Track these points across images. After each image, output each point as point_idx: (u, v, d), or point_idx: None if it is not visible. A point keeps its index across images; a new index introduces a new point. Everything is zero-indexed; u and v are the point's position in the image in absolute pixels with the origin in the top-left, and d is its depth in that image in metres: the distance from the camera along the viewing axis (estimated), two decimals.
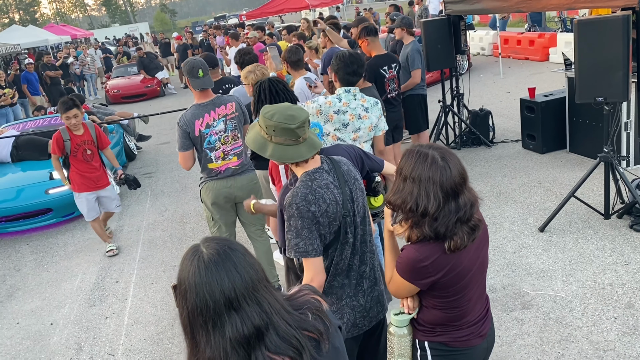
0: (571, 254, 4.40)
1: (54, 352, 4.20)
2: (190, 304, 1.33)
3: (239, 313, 1.33)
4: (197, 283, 1.33)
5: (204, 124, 3.97)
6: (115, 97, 16.96)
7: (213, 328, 1.32)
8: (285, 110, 2.15)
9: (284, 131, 2.13)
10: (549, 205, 5.27)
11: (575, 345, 3.40)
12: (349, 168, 2.34)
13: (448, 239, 1.87)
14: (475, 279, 2.03)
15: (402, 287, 2.02)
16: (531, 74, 11.24)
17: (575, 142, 6.42)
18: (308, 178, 2.21)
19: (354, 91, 3.66)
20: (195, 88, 3.97)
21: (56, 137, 5.40)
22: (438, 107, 7.38)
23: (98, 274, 5.42)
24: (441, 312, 2.03)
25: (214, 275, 1.33)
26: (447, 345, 2.07)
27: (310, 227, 2.14)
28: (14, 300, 5.14)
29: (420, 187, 1.85)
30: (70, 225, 6.88)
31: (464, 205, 1.87)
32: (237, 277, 1.34)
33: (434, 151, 1.89)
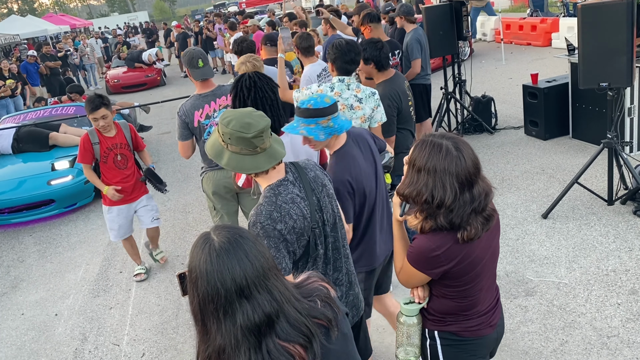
0: (574, 241, 4.40)
1: (59, 343, 4.22)
2: (202, 292, 1.34)
3: (250, 301, 1.33)
4: (209, 271, 1.33)
5: (204, 115, 3.94)
6: (116, 87, 16.92)
7: (224, 316, 1.33)
8: (243, 118, 2.01)
9: (239, 140, 2.00)
10: (552, 191, 5.25)
11: (579, 332, 3.41)
12: (315, 174, 2.23)
13: (462, 229, 1.85)
14: (487, 268, 2.02)
15: (414, 276, 2.00)
16: (533, 60, 11.16)
17: (578, 128, 6.39)
18: (272, 193, 2.08)
19: (348, 81, 3.61)
20: (196, 78, 3.94)
21: (84, 140, 4.51)
22: (440, 94, 7.34)
23: (102, 264, 5.43)
24: (452, 301, 2.02)
25: (225, 263, 1.33)
26: (457, 334, 2.07)
27: (277, 246, 2.04)
28: (18, 292, 5.16)
29: (436, 178, 1.82)
30: (73, 216, 6.89)
31: (479, 195, 1.85)
32: (248, 265, 1.34)
33: (448, 141, 1.85)
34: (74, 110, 8.43)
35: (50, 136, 7.56)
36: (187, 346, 3.92)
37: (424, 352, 2.15)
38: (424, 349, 2.14)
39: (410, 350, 2.13)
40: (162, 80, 17.43)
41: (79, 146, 4.54)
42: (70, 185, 6.80)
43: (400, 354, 2.15)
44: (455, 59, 7.30)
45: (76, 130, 7.89)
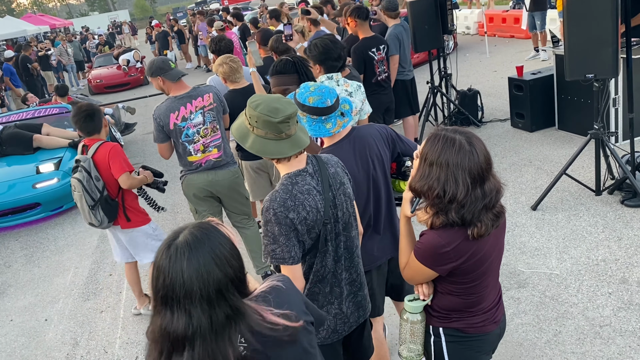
0: (564, 232, 4.44)
1: (50, 348, 4.16)
2: (155, 284, 1.37)
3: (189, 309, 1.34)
4: (163, 267, 1.35)
5: (180, 117, 3.89)
6: (98, 87, 16.74)
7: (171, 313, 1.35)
8: (272, 102, 2.03)
9: (265, 124, 2.01)
10: (540, 183, 5.29)
11: (571, 322, 3.44)
12: (335, 170, 2.23)
13: (472, 225, 1.84)
14: (494, 265, 2.02)
15: (420, 273, 1.99)
16: (517, 52, 11.23)
17: (563, 119, 6.44)
18: (289, 182, 2.10)
19: (336, 77, 3.59)
20: (173, 79, 3.86)
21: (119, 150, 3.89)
22: (426, 89, 7.35)
23: (91, 267, 5.37)
24: (458, 298, 2.01)
25: (178, 264, 1.34)
26: (462, 331, 2.06)
27: (287, 234, 2.05)
28: (6, 297, 5.08)
29: (448, 173, 1.80)
30: (60, 219, 6.80)
31: (490, 191, 1.84)
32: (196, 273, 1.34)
33: (460, 136, 1.84)
34: (57, 111, 8.31)
35: (34, 138, 7.44)
36: None
37: (428, 349, 2.14)
38: (428, 346, 2.13)
39: (413, 347, 2.12)
40: (145, 79, 17.25)
41: (119, 158, 3.81)
42: (56, 188, 6.71)
43: (404, 352, 2.14)
44: (440, 53, 7.31)
45: (59, 130, 7.78)
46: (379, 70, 5.42)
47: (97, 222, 3.83)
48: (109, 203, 3.84)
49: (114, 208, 3.89)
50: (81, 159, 3.79)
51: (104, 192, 3.81)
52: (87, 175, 3.75)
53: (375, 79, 5.42)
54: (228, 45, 5.17)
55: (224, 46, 5.10)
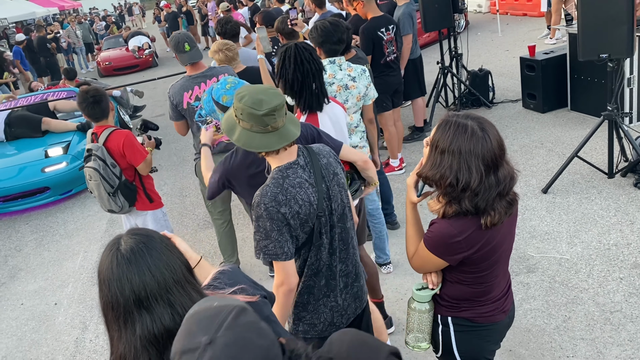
0: (575, 215, 4.36)
1: (60, 332, 4.20)
2: (104, 297, 1.34)
3: (150, 313, 1.32)
4: (109, 278, 1.32)
5: (193, 97, 3.86)
6: (107, 70, 16.71)
7: (124, 324, 1.31)
8: (257, 94, 1.94)
9: (250, 116, 1.94)
10: (551, 165, 5.20)
11: (581, 308, 3.39)
12: (328, 161, 2.17)
13: (485, 214, 1.78)
14: (505, 254, 1.97)
15: (430, 262, 1.94)
16: (530, 31, 11.00)
17: (576, 99, 6.31)
18: (280, 175, 2.04)
19: (339, 61, 3.52)
20: (184, 63, 3.87)
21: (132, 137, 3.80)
22: (436, 69, 7.23)
23: (100, 251, 5.39)
24: (467, 287, 1.97)
25: (124, 272, 1.32)
26: (471, 321, 2.02)
27: (280, 229, 2.00)
28: (17, 281, 5.12)
29: (461, 160, 1.74)
30: (69, 203, 6.83)
31: (504, 178, 1.78)
32: (149, 276, 1.32)
33: (472, 122, 1.77)
34: (65, 94, 8.30)
35: (43, 121, 7.46)
36: None
37: (436, 339, 2.11)
38: (436, 336, 2.10)
39: (420, 336, 2.09)
40: (154, 61, 17.20)
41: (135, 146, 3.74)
42: (65, 172, 6.73)
43: (411, 341, 2.12)
44: (451, 32, 7.17)
45: (67, 103, 7.75)
46: (388, 50, 5.32)
47: (118, 207, 3.81)
48: (128, 187, 3.82)
49: (133, 192, 3.88)
50: (93, 147, 3.72)
51: (122, 178, 3.79)
52: (103, 163, 3.70)
53: (384, 60, 5.32)
54: (234, 29, 5.08)
55: (230, 29, 5.01)
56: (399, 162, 5.73)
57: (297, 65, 2.79)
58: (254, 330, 1.02)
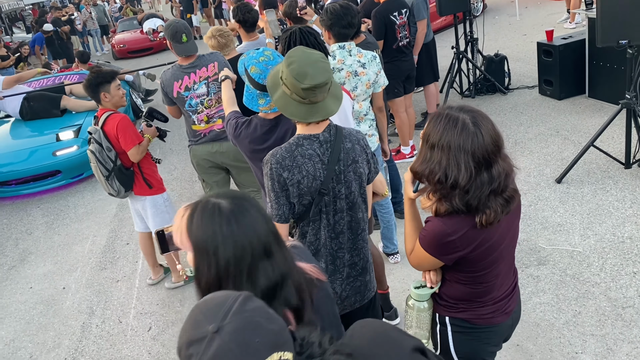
0: (589, 206, 4.25)
1: (67, 317, 4.22)
2: (225, 258, 1.26)
3: (270, 260, 1.30)
4: (234, 233, 1.27)
5: (183, 87, 3.83)
6: (122, 52, 16.70)
7: (247, 278, 1.27)
8: (305, 65, 1.93)
9: (292, 85, 1.95)
10: (566, 154, 5.07)
11: (592, 303, 3.30)
12: (352, 146, 2.13)
13: (480, 213, 1.70)
14: (506, 253, 1.88)
15: (425, 261, 1.87)
16: (549, 14, 10.73)
17: (594, 86, 6.14)
18: (295, 142, 2.06)
19: (349, 47, 3.42)
20: (179, 54, 3.81)
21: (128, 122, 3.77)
22: (451, 54, 7.08)
23: (108, 236, 5.40)
24: (466, 287, 1.90)
25: (245, 223, 1.29)
26: (469, 322, 1.95)
27: (278, 192, 2.06)
28: (26, 265, 5.16)
29: (450, 156, 1.66)
30: (80, 187, 6.85)
31: (498, 175, 1.68)
32: (264, 222, 1.32)
33: (465, 114, 1.68)
34: (77, 78, 8.30)
35: (63, 98, 7.49)
36: None
37: (434, 337, 2.05)
38: (434, 334, 2.04)
39: (419, 332, 2.04)
40: None
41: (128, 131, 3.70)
42: (76, 155, 6.74)
43: None
44: (467, 16, 7.00)
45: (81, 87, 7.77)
46: (400, 35, 5.20)
47: (115, 191, 3.85)
48: (123, 172, 3.82)
49: (129, 177, 3.87)
50: (92, 130, 3.76)
51: (117, 162, 3.78)
52: (99, 146, 3.73)
53: (397, 45, 5.21)
54: (254, 17, 4.90)
55: (250, 18, 4.83)
56: (410, 150, 5.64)
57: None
58: (264, 315, 0.99)
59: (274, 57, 2.40)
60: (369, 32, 4.77)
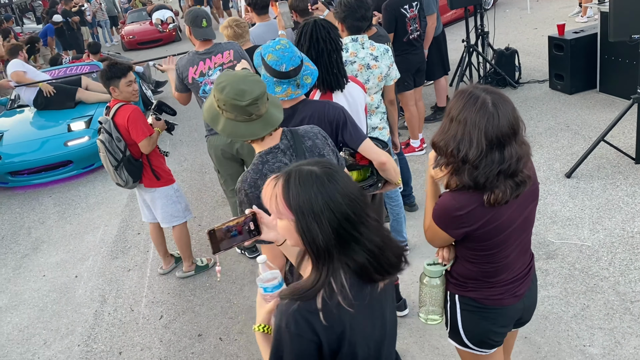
0: (599, 201, 4.25)
1: (80, 304, 4.28)
2: (340, 212, 1.35)
3: (366, 223, 1.39)
4: (338, 191, 1.36)
5: (198, 72, 3.88)
6: (131, 43, 16.75)
7: (362, 226, 1.37)
8: (238, 84, 1.93)
9: (233, 107, 1.94)
10: (576, 149, 5.07)
11: (601, 297, 3.32)
12: (313, 143, 2.13)
13: (488, 191, 1.77)
14: (516, 236, 1.93)
15: (437, 235, 1.95)
16: (560, 8, 10.66)
17: (606, 81, 6.11)
18: (259, 161, 2.04)
19: (362, 39, 3.44)
20: (198, 37, 3.88)
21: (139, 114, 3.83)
22: (461, 47, 7.06)
23: (120, 225, 5.46)
24: (474, 265, 1.96)
25: (343, 181, 1.38)
26: (477, 301, 2.01)
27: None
28: (39, 253, 5.23)
29: (465, 131, 1.74)
30: (91, 177, 6.92)
31: (510, 157, 1.74)
32: (353, 183, 1.42)
33: (487, 95, 1.75)
34: (88, 68, 8.36)
35: (78, 90, 7.56)
36: (204, 308, 3.95)
37: (446, 316, 2.12)
38: (446, 312, 2.11)
39: (432, 309, 2.10)
40: (177, 35, 17.18)
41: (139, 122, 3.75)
42: (87, 146, 6.80)
43: (423, 314, 2.14)
44: (478, 10, 6.98)
45: (97, 85, 7.84)
46: (411, 28, 5.21)
47: (123, 182, 3.89)
48: (132, 163, 3.86)
49: (138, 168, 3.91)
50: (102, 120, 3.82)
51: (126, 153, 3.83)
52: (109, 136, 3.77)
53: (407, 38, 5.21)
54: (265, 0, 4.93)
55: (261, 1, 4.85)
56: (420, 143, 5.65)
57: (311, 42, 2.76)
58: None
59: (289, 45, 2.41)
60: (380, 25, 4.77)
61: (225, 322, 3.77)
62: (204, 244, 4.77)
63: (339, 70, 2.84)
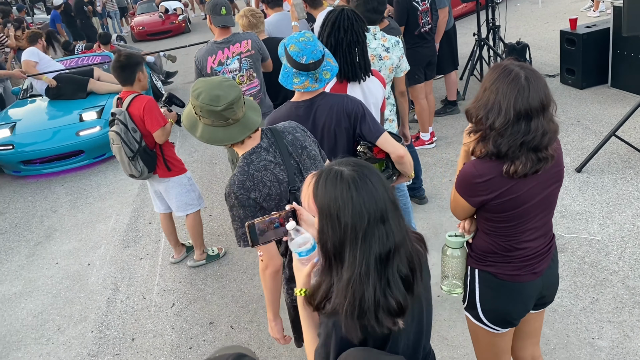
0: (609, 196, 4.26)
1: (93, 292, 4.35)
2: (344, 222, 1.33)
3: (386, 226, 1.35)
4: (354, 197, 1.34)
5: (216, 61, 3.93)
6: (141, 35, 16.80)
7: (362, 242, 1.33)
8: (213, 90, 1.96)
9: (209, 113, 1.97)
10: (587, 144, 5.07)
11: (610, 290, 3.34)
12: (294, 137, 2.16)
13: (509, 162, 1.83)
14: (534, 213, 1.97)
15: (458, 203, 2.01)
16: (572, 2, 10.59)
17: (618, 76, 6.09)
18: (244, 162, 2.06)
19: (374, 30, 3.46)
20: (217, 25, 3.93)
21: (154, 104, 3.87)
22: (471, 41, 7.04)
23: (131, 215, 5.52)
24: (493, 239, 2.01)
25: (366, 190, 1.35)
26: (495, 276, 2.06)
27: (254, 215, 2.03)
28: (52, 241, 5.30)
29: (495, 100, 1.82)
30: (102, 167, 6.98)
31: (535, 130, 1.80)
32: (383, 190, 1.37)
33: (521, 70, 1.83)
34: (100, 59, 8.41)
35: (90, 81, 7.61)
36: (216, 297, 4.00)
37: (465, 289, 2.16)
38: (465, 286, 2.15)
39: (455, 282, 2.15)
40: (187, 27, 17.21)
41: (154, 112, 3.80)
42: (98, 136, 6.86)
43: (445, 286, 2.19)
44: (489, 3, 6.95)
45: (109, 76, 7.90)
46: (422, 21, 5.20)
47: (138, 172, 3.91)
48: (147, 153, 3.90)
49: (153, 158, 3.95)
50: (116, 111, 3.83)
51: (142, 143, 3.86)
52: (124, 127, 3.80)
53: (418, 31, 5.21)
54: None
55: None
56: (430, 136, 5.66)
57: (332, 29, 2.80)
58: None
59: (313, 39, 2.44)
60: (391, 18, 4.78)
61: (236, 310, 3.82)
62: (215, 234, 4.82)
63: (358, 62, 2.85)
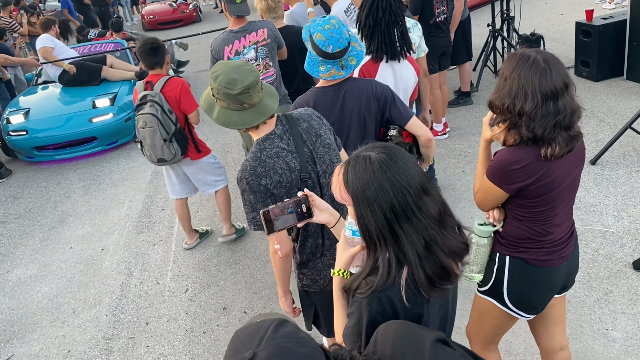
0: (624, 188, 4.24)
1: (107, 276, 4.39)
2: (387, 201, 1.33)
3: (430, 196, 1.36)
4: (389, 176, 1.33)
5: (233, 51, 3.92)
6: (152, 23, 16.81)
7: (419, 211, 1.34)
8: (230, 73, 1.97)
9: (226, 96, 1.99)
10: (602, 136, 5.03)
11: (624, 282, 3.33)
12: (309, 124, 2.16)
13: (546, 145, 1.83)
14: (565, 195, 1.98)
15: (490, 193, 2.00)
16: None
17: (633, 68, 6.03)
18: (257, 148, 2.08)
19: None
20: (232, 14, 3.91)
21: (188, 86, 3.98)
22: (485, 32, 7.00)
23: (144, 201, 5.55)
24: (526, 225, 2.01)
25: (397, 167, 1.35)
26: (527, 262, 2.06)
27: (264, 201, 2.05)
28: (66, 226, 5.34)
29: (519, 86, 1.83)
30: (115, 154, 7.02)
31: (564, 109, 1.81)
32: (414, 166, 1.37)
33: (538, 54, 1.84)
34: (112, 47, 8.43)
35: (103, 69, 7.65)
36: (229, 283, 4.03)
37: (488, 276, 2.16)
38: (489, 273, 2.15)
39: (475, 268, 2.17)
40: (197, 16, 17.20)
41: (190, 94, 3.93)
42: (111, 122, 6.90)
43: (466, 272, 2.19)
44: None
45: (121, 63, 7.92)
46: (438, 11, 5.17)
47: (171, 154, 3.88)
48: (182, 135, 3.94)
49: (186, 140, 4.01)
50: (150, 94, 3.81)
51: (177, 125, 3.89)
52: (161, 108, 3.80)
53: (434, 21, 5.19)
54: None
55: None
56: (443, 127, 5.64)
57: (371, 11, 2.84)
58: (294, 340, 1.05)
59: (339, 25, 2.44)
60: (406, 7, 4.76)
61: (250, 296, 3.85)
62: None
63: (397, 42, 2.88)
